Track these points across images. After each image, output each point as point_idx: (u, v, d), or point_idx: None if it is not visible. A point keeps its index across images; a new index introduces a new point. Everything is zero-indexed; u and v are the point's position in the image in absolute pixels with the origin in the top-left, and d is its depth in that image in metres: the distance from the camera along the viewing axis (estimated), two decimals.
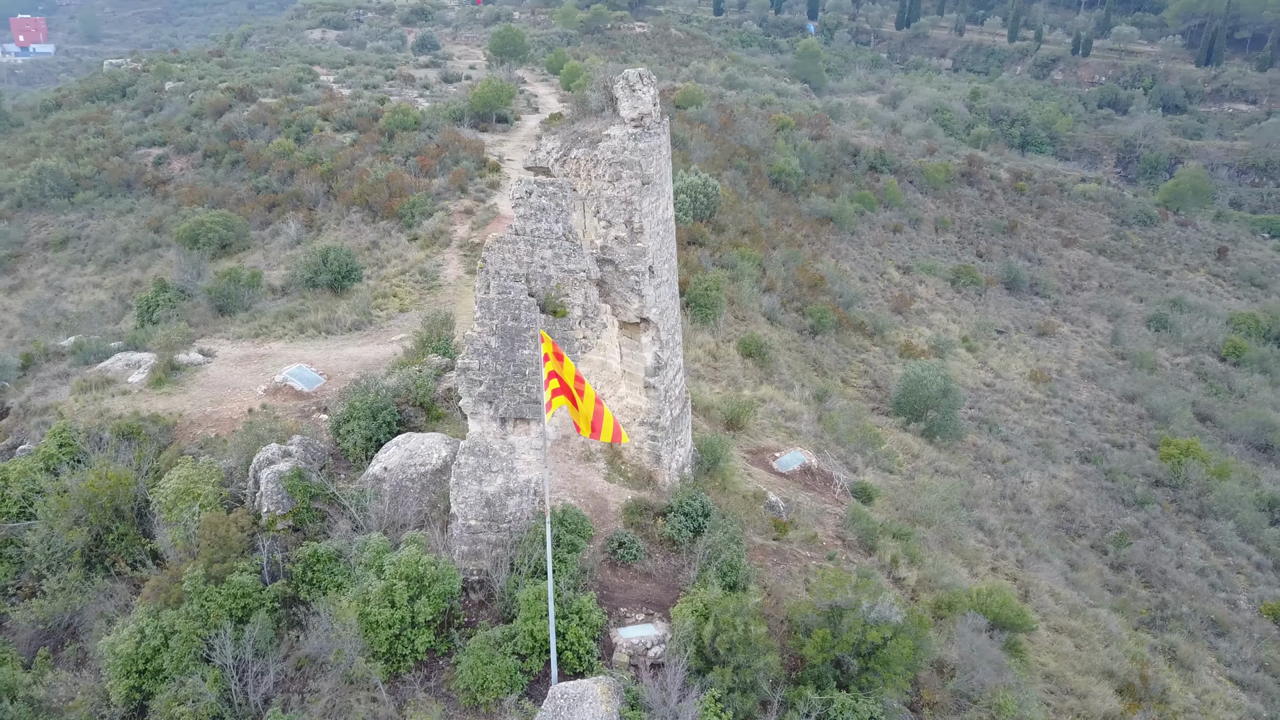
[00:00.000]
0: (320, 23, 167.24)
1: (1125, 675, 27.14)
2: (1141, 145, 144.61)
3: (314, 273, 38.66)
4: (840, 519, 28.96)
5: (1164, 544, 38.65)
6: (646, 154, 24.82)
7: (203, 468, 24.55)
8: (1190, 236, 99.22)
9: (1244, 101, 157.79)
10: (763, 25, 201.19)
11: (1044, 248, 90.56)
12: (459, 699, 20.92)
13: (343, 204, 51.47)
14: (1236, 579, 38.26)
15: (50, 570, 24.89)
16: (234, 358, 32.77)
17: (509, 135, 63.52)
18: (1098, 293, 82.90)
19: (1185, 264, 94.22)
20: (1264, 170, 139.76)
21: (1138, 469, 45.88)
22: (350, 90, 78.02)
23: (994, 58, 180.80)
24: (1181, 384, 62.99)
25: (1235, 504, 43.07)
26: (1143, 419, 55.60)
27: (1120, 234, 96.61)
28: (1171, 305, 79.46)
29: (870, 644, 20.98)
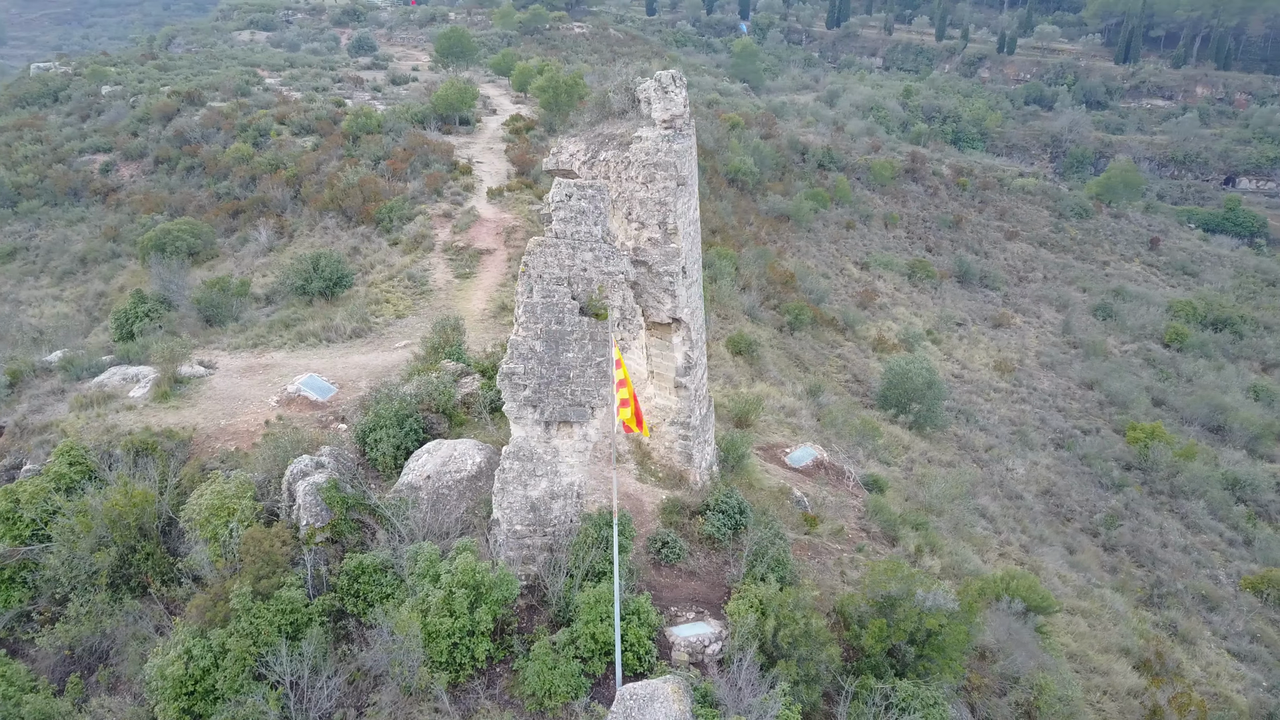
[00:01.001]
0: (248, 24, 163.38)
1: (1140, 652, 28.25)
2: (1068, 140, 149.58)
3: (305, 280, 37.91)
4: (860, 512, 29.51)
5: (1146, 525, 40.22)
6: (681, 155, 25.01)
7: (235, 482, 23.97)
8: (1124, 228, 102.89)
9: (1161, 97, 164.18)
10: (696, 25, 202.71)
11: (989, 241, 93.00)
12: (524, 705, 20.83)
13: (314, 209, 50.50)
14: (1213, 556, 39.97)
15: (75, 593, 24.05)
16: (236, 369, 32.01)
17: (473, 137, 63.03)
18: (1043, 284, 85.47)
19: (1121, 254, 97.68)
20: (1182, 163, 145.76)
21: (1110, 453, 47.61)
22: (301, 93, 76.49)
23: (923, 56, 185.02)
24: (1132, 370, 65.37)
25: (1203, 484, 44.97)
26: (1103, 405, 57.58)
27: (1059, 227, 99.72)
28: (1114, 294, 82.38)
29: (925, 631, 21.49)
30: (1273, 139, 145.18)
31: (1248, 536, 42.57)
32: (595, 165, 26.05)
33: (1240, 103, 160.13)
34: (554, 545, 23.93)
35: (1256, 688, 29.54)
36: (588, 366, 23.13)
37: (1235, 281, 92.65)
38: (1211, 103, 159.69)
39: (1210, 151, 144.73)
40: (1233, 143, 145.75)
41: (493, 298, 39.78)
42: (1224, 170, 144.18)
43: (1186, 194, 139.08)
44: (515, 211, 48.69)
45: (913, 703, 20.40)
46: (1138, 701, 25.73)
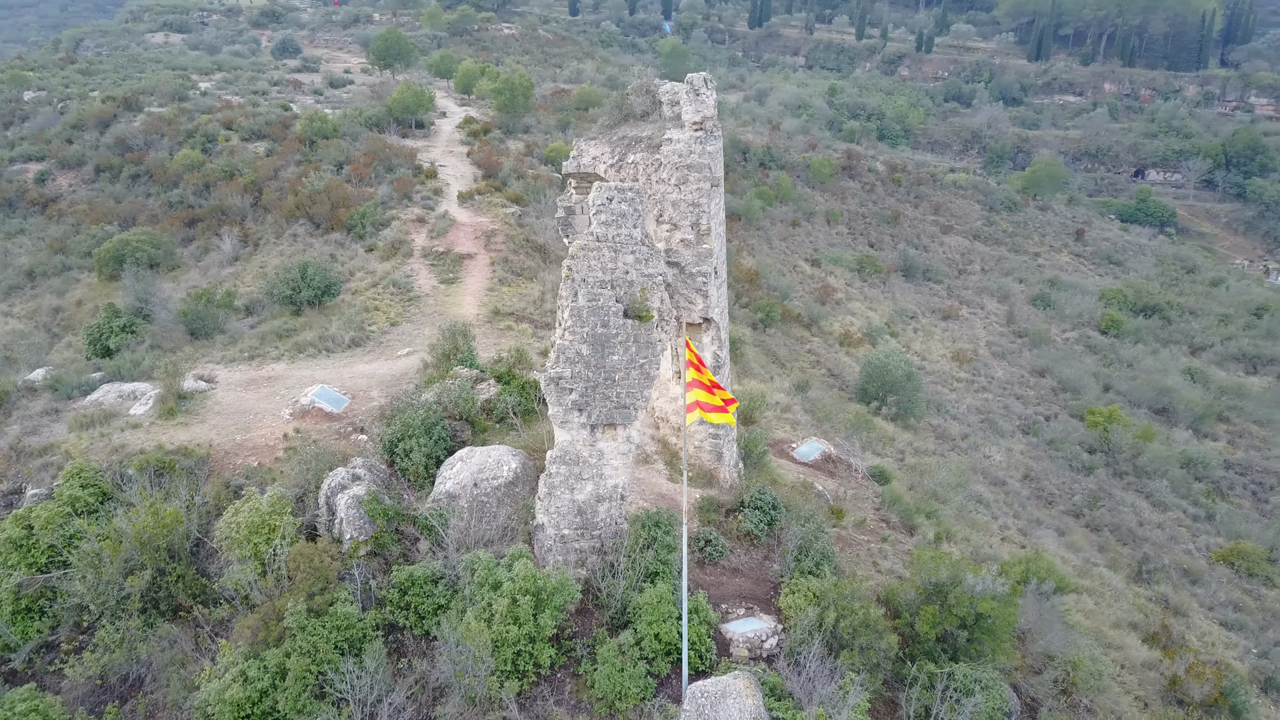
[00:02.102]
0: (161, 26, 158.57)
1: (1147, 626, 29.57)
2: (987, 136, 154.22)
3: (293, 289, 37.07)
4: (876, 503, 30.20)
5: (1122, 505, 42.00)
6: (714, 156, 25.28)
7: (272, 499, 23.43)
8: (1051, 220, 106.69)
9: (1072, 93, 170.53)
10: (620, 25, 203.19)
11: (926, 235, 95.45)
12: (594, 709, 20.88)
13: (279, 217, 49.39)
14: (1181, 531, 41.94)
15: (108, 619, 23.20)
16: (237, 382, 31.20)
17: (431, 140, 62.33)
18: (982, 276, 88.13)
19: (1050, 245, 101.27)
20: (1094, 156, 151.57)
21: (1074, 438, 49.50)
22: (241, 98, 74.59)
23: (844, 55, 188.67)
24: (1077, 357, 67.94)
25: (1164, 464, 47.10)
26: (1056, 391, 59.76)
27: (990, 220, 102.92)
28: (1050, 285, 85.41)
29: (975, 615, 22.19)
30: (1177, 133, 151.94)
31: (1209, 511, 44.77)
32: (623, 168, 26.15)
33: (1145, 98, 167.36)
34: (602, 548, 24.01)
35: (1249, 654, 31.24)
36: (632, 369, 23.25)
37: (1158, 269, 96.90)
38: (1119, 98, 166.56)
39: (1120, 145, 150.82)
40: (1141, 137, 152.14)
41: (483, 303, 39.51)
42: (1134, 163, 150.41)
43: (1100, 186, 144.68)
44: (490, 215, 48.36)
45: (972, 685, 21.05)
46: (1155, 673, 26.98)
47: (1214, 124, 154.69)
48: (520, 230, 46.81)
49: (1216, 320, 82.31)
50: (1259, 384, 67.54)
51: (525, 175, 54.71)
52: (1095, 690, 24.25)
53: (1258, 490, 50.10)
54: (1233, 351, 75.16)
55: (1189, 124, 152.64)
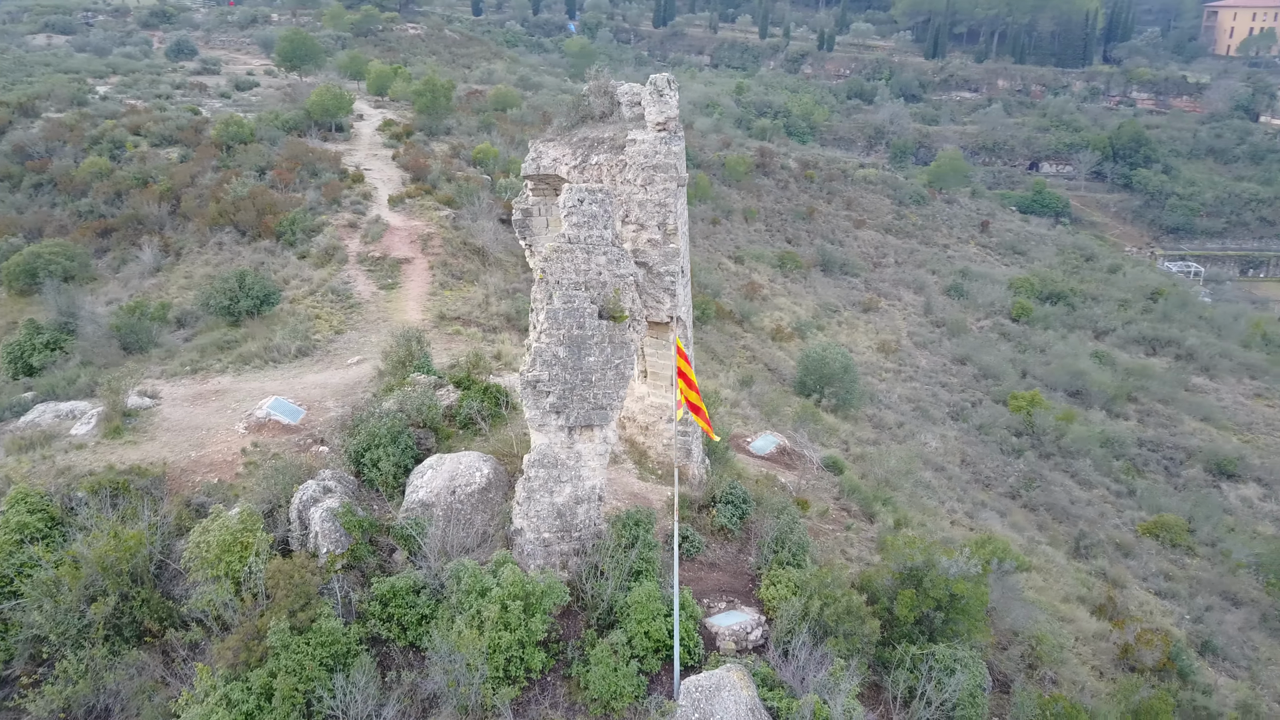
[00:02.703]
0: (43, 26, 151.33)
1: (1093, 599, 30.95)
2: (890, 132, 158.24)
3: (231, 299, 35.93)
4: (834, 493, 30.89)
5: (1053, 485, 43.79)
6: (679, 156, 25.50)
7: (242, 516, 22.76)
8: (957, 213, 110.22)
9: (968, 90, 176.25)
10: (525, 25, 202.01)
11: (840, 230, 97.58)
12: (589, 710, 20.90)
13: (201, 225, 47.78)
14: (1108, 508, 43.97)
15: (70, 649, 22.19)
16: (183, 397, 30.16)
17: (352, 144, 61.08)
18: (896, 269, 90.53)
19: (958, 237, 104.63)
20: (992, 150, 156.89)
21: (1001, 422, 51.38)
22: (145, 101, 71.84)
23: (749, 54, 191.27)
24: (993, 344, 70.42)
25: (1086, 444, 49.27)
26: (978, 378, 61.87)
27: (900, 214, 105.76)
28: (961, 275, 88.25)
29: (950, 597, 22.93)
30: (1067, 127, 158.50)
31: (1130, 487, 47.03)
32: (587, 169, 26.16)
33: (1036, 94, 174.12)
34: (582, 549, 24.03)
35: (1184, 620, 33.00)
36: (608, 369, 23.35)
37: (1060, 258, 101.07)
38: (1012, 94, 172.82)
39: (1015, 139, 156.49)
40: (1034, 131, 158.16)
41: (427, 308, 38.98)
42: (1028, 156, 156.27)
43: (999, 179, 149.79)
44: (424, 219, 47.68)
45: (953, 664, 21.76)
46: (1106, 643, 28.28)
47: (1100, 118, 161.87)
48: (456, 233, 46.29)
49: (1117, 305, 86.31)
50: (1161, 365, 71.13)
51: (455, 177, 54.09)
52: (1057, 663, 25.32)
53: (1169, 465, 52.81)
54: (1134, 335, 78.93)
55: (1078, 118, 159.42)
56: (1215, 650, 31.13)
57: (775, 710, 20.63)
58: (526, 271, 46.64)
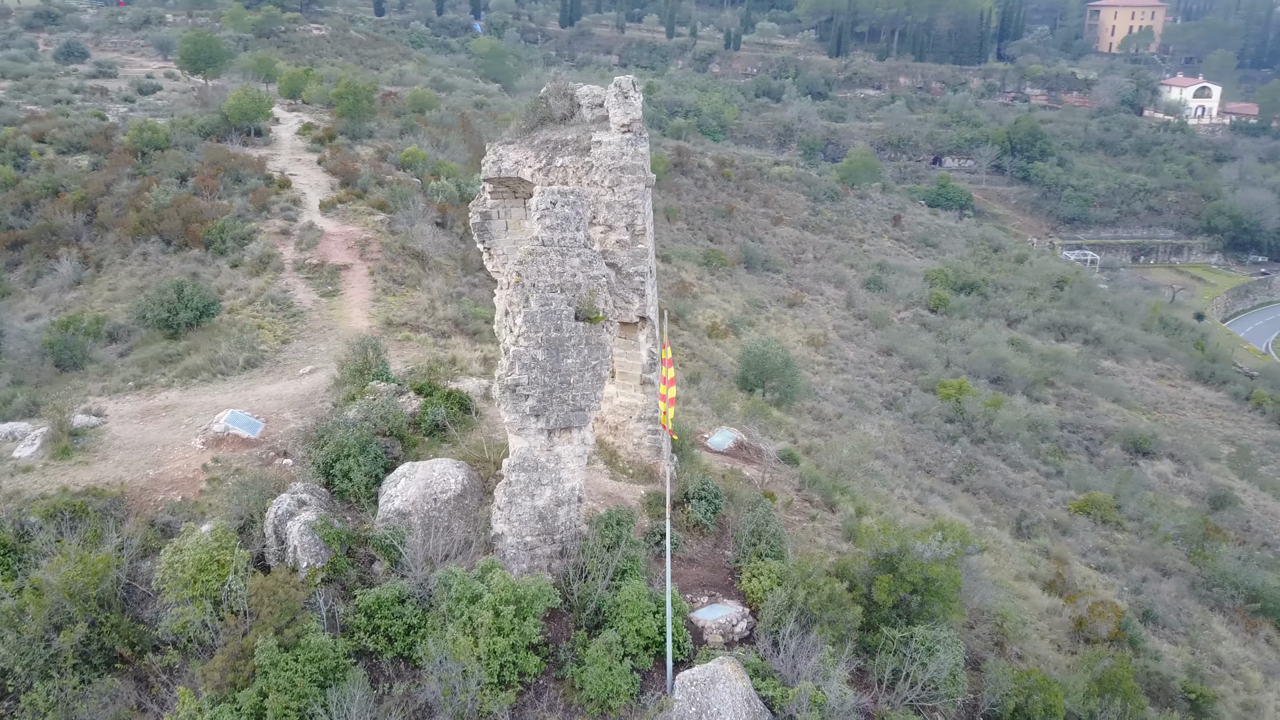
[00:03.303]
0: None
1: (1043, 576, 32.29)
2: (798, 129, 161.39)
3: (170, 311, 34.71)
4: (795, 484, 31.54)
5: (989, 469, 45.42)
6: (645, 158, 25.69)
7: (216, 534, 22.11)
8: (870, 208, 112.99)
9: (871, 87, 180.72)
10: (430, 25, 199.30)
11: (759, 228, 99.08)
12: (586, 710, 20.97)
13: (122, 235, 46.03)
14: (1039, 488, 45.83)
15: (37, 680, 21.23)
16: (130, 414, 29.09)
17: (273, 149, 59.52)
18: (816, 264, 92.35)
19: (872, 231, 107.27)
20: (897, 146, 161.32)
21: (933, 410, 53.01)
22: (43, 107, 68.76)
23: (657, 53, 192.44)
24: (915, 335, 72.53)
25: (1013, 428, 51.23)
26: (904, 368, 63.68)
27: (816, 210, 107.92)
28: (879, 269, 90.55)
29: (925, 580, 23.69)
30: (967, 122, 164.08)
31: (1057, 468, 49.11)
32: (551, 172, 26.17)
33: (936, 90, 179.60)
34: (564, 551, 24.07)
35: (1124, 592, 34.67)
36: (585, 371, 23.44)
37: (970, 249, 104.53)
38: (914, 91, 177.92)
39: (919, 135, 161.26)
40: (936, 126, 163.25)
41: (372, 314, 38.35)
42: (931, 151, 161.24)
43: (905, 174, 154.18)
44: (359, 224, 46.83)
45: (934, 645, 22.50)
46: (1058, 617, 29.56)
47: (998, 113, 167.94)
48: (394, 238, 45.61)
49: (1026, 294, 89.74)
50: (1072, 350, 74.28)
51: (385, 182, 53.23)
52: (1021, 638, 26.37)
53: (1089, 445, 55.32)
54: (1044, 322, 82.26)
55: (977, 114, 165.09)
56: (1156, 619, 32.80)
57: (769, 699, 21.04)
58: (468, 275, 46.28)
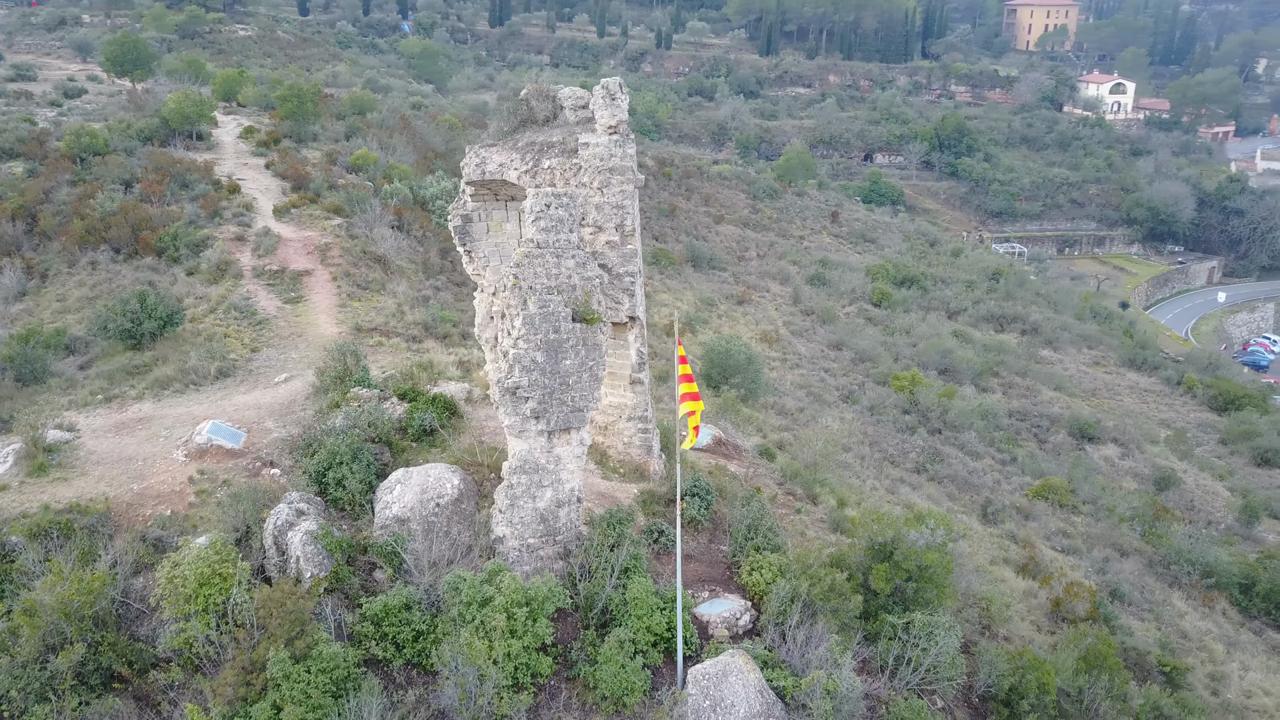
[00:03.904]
0: None
1: (1015, 560, 33.33)
2: (732, 128, 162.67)
3: (134, 321, 33.77)
4: (776, 478, 32.04)
5: (950, 458, 46.59)
6: (633, 159, 25.87)
7: (219, 547, 21.70)
8: (808, 205, 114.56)
9: (802, 85, 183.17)
10: (356, 25, 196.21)
11: (702, 226, 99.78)
12: (602, 709, 21.13)
13: (68, 243, 44.62)
14: (997, 476, 47.17)
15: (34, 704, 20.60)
16: (104, 428, 28.30)
17: (217, 153, 58.15)
18: (760, 261, 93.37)
19: (811, 228, 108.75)
20: (829, 144, 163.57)
21: (890, 402, 54.14)
22: None
23: (588, 53, 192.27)
24: (861, 329, 73.89)
25: (967, 418, 52.61)
26: (855, 362, 64.85)
27: (756, 208, 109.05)
28: (821, 265, 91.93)
29: (919, 567, 24.33)
30: (896, 119, 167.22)
31: (1012, 456, 50.61)
32: (539, 174, 26.20)
33: (865, 88, 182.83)
34: (566, 552, 24.17)
35: (1090, 573, 35.93)
36: (583, 372, 23.57)
37: (907, 244, 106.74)
38: (843, 89, 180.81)
39: (850, 132, 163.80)
40: (866, 124, 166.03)
41: (340, 320, 37.85)
42: (863, 148, 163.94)
43: (838, 171, 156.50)
44: (317, 229, 46.08)
45: (932, 630, 23.13)
46: (1034, 599, 30.57)
47: (925, 110, 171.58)
48: (354, 242, 44.99)
49: (964, 286, 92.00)
50: (1012, 340, 76.44)
51: (338, 185, 52.43)
52: (1005, 621, 27.23)
53: (1038, 432, 57.07)
54: (983, 313, 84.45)
55: (905, 111, 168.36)
56: (1123, 597, 34.09)
57: (780, 689, 21.44)
58: (430, 279, 45.92)
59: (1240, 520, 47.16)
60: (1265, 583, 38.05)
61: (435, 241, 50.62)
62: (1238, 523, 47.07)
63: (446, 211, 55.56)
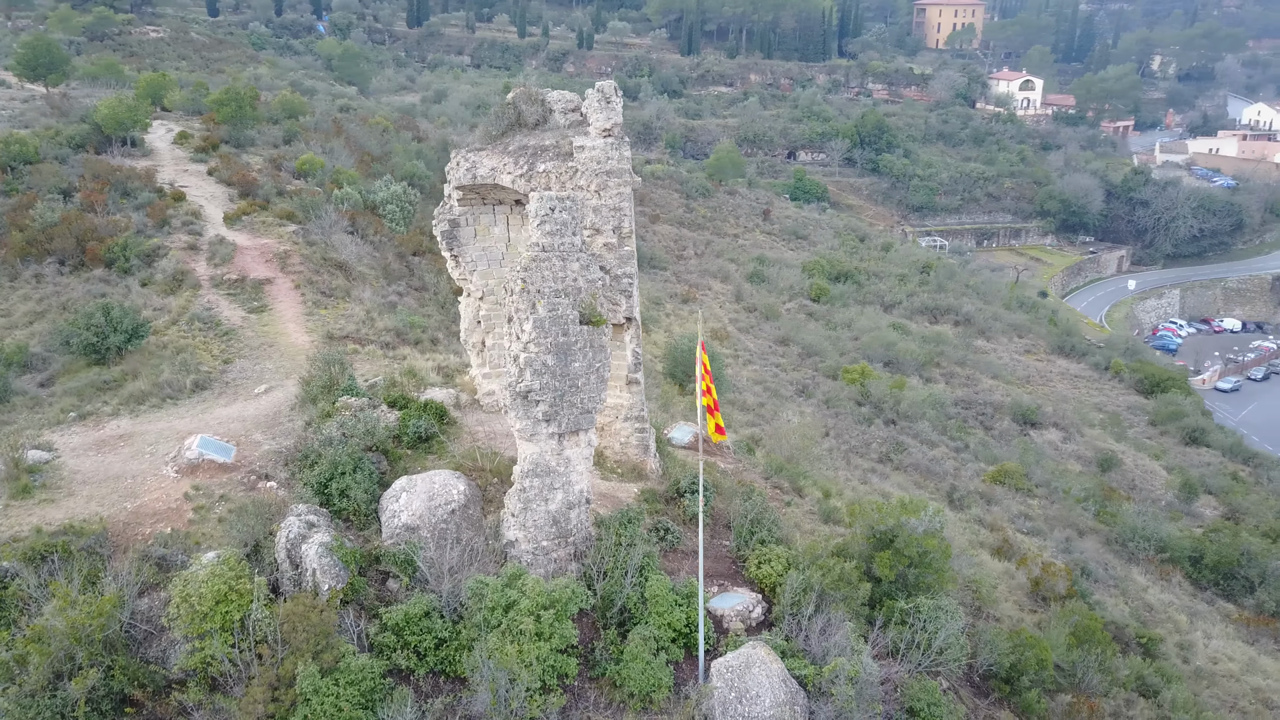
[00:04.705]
0: None
1: (989, 543, 34.54)
2: (658, 127, 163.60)
3: (99, 336, 32.67)
4: (761, 473, 32.65)
5: (910, 448, 47.88)
6: (629, 161, 26.11)
7: (232, 563, 21.29)
8: (740, 203, 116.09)
9: (724, 84, 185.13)
10: (269, 26, 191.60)
11: (640, 226, 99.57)
12: (630, 706, 21.36)
13: (8, 256, 42.89)
14: (955, 463, 48.67)
15: None
16: (83, 447, 27.42)
17: (153, 159, 56.42)
18: (699, 260, 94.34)
19: (744, 226, 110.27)
20: (753, 142, 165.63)
21: (844, 395, 55.37)
22: None
23: (510, 53, 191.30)
24: (803, 324, 75.31)
25: (919, 408, 54.13)
26: (803, 356, 66.10)
27: (690, 207, 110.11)
28: (759, 262, 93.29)
29: (920, 553, 25.14)
30: (817, 117, 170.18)
31: (965, 443, 52.27)
32: (534, 177, 26.27)
33: (785, 87, 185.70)
34: (578, 554, 24.32)
35: (1056, 553, 37.39)
36: (590, 374, 23.78)
37: (838, 240, 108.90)
38: (764, 87, 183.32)
39: (773, 130, 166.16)
40: (788, 122, 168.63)
41: (309, 329, 37.23)
42: (786, 146, 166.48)
43: (763, 169, 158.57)
44: (272, 236, 45.13)
45: (937, 613, 23.95)
46: (1012, 580, 31.77)
47: (845, 108, 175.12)
48: (312, 249, 44.21)
49: (896, 280, 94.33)
50: (949, 331, 78.73)
51: (287, 191, 51.39)
52: (993, 602, 28.27)
53: (983, 419, 59.03)
54: (918, 306, 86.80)
55: (826, 109, 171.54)
56: (1090, 574, 35.61)
57: (802, 678, 21.97)
58: (392, 284, 45.40)
59: (1180, 497, 49.63)
60: (1213, 555, 40.16)
61: (390, 246, 50.02)
62: (1178, 499, 49.52)
63: (397, 216, 55.17)
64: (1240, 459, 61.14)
